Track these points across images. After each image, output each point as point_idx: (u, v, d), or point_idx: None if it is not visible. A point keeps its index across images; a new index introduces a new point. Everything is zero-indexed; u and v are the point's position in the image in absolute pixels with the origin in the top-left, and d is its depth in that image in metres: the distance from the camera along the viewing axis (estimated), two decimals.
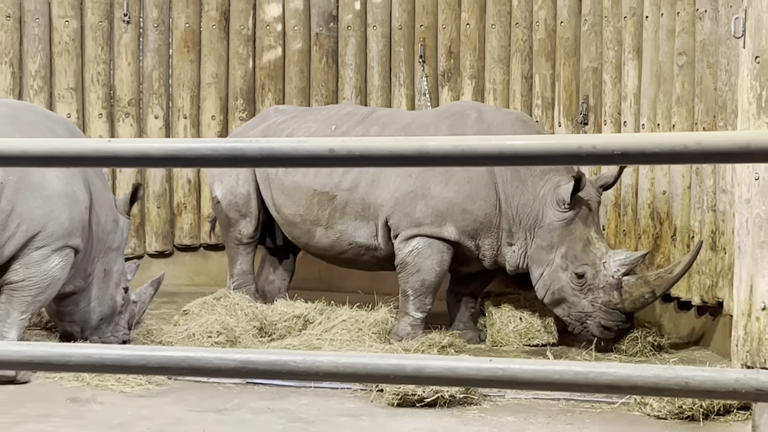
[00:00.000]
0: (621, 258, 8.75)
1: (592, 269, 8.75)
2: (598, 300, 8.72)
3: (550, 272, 8.90)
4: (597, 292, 8.73)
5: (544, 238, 8.93)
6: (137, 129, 11.92)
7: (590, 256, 8.78)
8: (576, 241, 8.83)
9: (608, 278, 8.70)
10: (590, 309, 8.77)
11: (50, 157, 2.85)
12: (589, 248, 8.80)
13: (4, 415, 7.00)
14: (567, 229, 8.86)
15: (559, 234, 8.87)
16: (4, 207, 7.74)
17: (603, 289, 8.71)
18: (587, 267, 8.75)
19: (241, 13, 12.08)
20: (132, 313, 8.80)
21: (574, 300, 8.81)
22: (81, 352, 2.84)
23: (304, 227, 9.74)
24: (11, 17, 11.48)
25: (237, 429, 6.81)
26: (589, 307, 8.77)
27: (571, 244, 8.83)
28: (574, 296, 8.80)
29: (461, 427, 6.97)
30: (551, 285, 8.89)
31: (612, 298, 8.68)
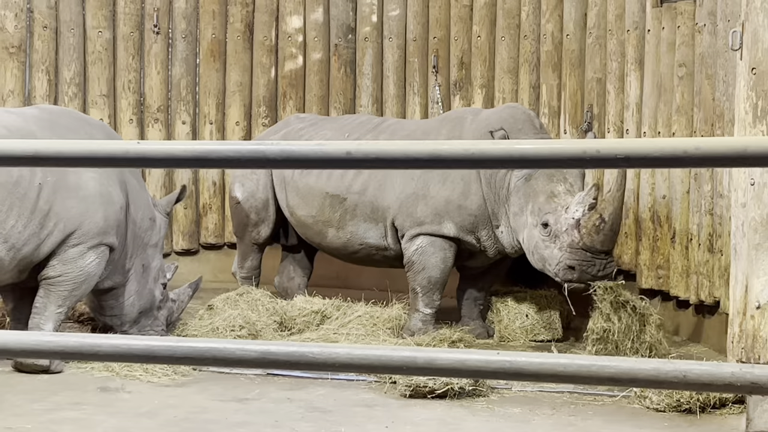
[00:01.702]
0: (577, 198, 8.53)
1: (554, 216, 8.53)
2: (564, 245, 8.46)
3: (527, 234, 8.73)
4: (562, 237, 8.49)
5: (514, 203, 8.84)
6: (166, 134, 11.94)
7: (553, 205, 8.57)
8: (539, 194, 8.65)
9: (569, 221, 8.47)
10: (559, 255, 8.50)
11: (83, 158, 2.86)
12: (552, 199, 8.57)
13: (39, 403, 7.02)
14: (529, 185, 8.73)
15: (524, 193, 8.75)
16: (42, 207, 7.77)
17: (566, 232, 8.47)
18: (549, 215, 8.56)
19: (264, 25, 12.09)
20: (170, 310, 8.80)
21: (548, 253, 8.57)
22: (110, 342, 2.84)
23: (316, 228, 9.78)
24: (48, 28, 11.52)
25: (258, 418, 6.81)
26: (558, 253, 8.50)
27: (534, 199, 8.67)
28: (547, 249, 8.56)
29: (470, 417, 6.96)
30: (530, 246, 8.72)
31: (573, 238, 8.42)
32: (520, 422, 6.87)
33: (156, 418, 6.73)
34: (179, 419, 6.73)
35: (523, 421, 6.91)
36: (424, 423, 6.78)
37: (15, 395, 7.20)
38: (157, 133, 11.89)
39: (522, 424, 6.84)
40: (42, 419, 6.63)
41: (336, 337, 8.68)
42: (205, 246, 12.14)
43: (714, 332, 8.79)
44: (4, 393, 7.26)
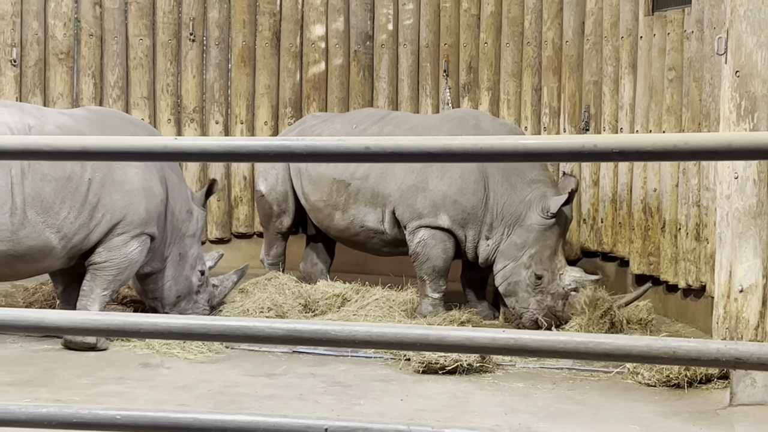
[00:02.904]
0: (576, 275, 8.72)
1: (550, 275, 8.71)
2: (543, 302, 8.68)
3: (513, 266, 8.86)
4: (545, 296, 8.69)
5: (521, 236, 8.89)
6: (200, 133, 11.96)
7: (553, 264, 8.76)
8: (546, 248, 8.81)
9: (559, 288, 8.66)
10: (534, 307, 8.69)
11: (126, 153, 2.86)
12: (554, 257, 8.79)
13: (86, 377, 7.05)
14: (543, 234, 8.84)
15: (535, 237, 8.85)
16: (91, 199, 7.81)
17: (552, 295, 8.68)
18: (546, 272, 8.72)
19: (290, 33, 12.09)
20: (211, 294, 8.79)
21: (523, 296, 8.77)
22: (151, 321, 2.84)
23: (326, 211, 9.83)
24: (93, 36, 11.54)
25: (285, 391, 6.83)
26: (534, 305, 8.70)
27: (542, 249, 8.81)
28: (525, 292, 8.75)
29: (477, 391, 6.97)
30: (510, 277, 8.86)
31: (556, 305, 8.65)
32: (523, 395, 6.87)
33: (192, 392, 6.76)
34: (213, 392, 6.75)
35: (526, 394, 6.91)
36: (436, 396, 6.79)
37: (64, 370, 7.24)
38: (193, 132, 11.90)
39: (525, 397, 6.84)
40: (88, 392, 6.66)
41: (355, 318, 8.69)
42: (237, 235, 12.16)
43: (700, 314, 8.77)
44: (54, 368, 7.29)
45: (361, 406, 6.47)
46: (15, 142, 2.88)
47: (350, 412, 6.33)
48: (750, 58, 6.40)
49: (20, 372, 7.16)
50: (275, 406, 6.40)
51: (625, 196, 10.00)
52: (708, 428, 6.14)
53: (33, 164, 7.51)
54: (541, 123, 11.14)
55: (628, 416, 6.38)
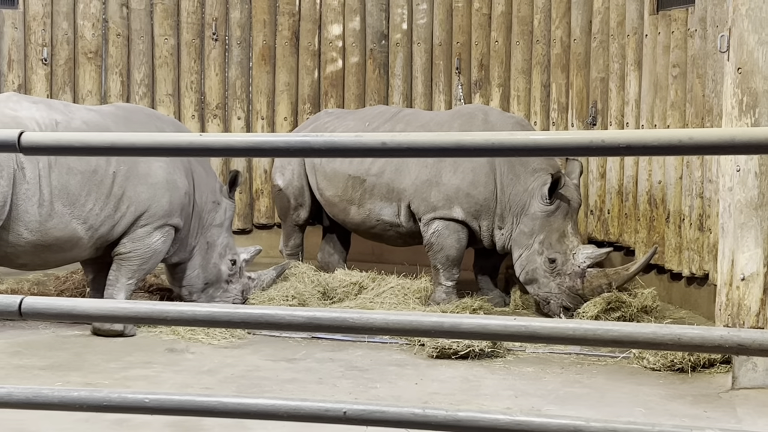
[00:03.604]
0: (588, 252, 8.64)
1: (563, 257, 8.64)
2: (563, 284, 8.60)
3: (527, 255, 8.81)
4: (564, 278, 8.61)
5: (527, 224, 8.86)
6: (223, 128, 11.97)
7: (563, 246, 8.68)
8: (554, 232, 8.74)
9: (575, 267, 8.58)
10: (556, 291, 8.62)
11: (153, 148, 2.87)
12: (563, 239, 8.71)
13: (114, 362, 7.07)
14: (547, 220, 8.78)
15: (540, 223, 8.79)
16: (116, 192, 7.82)
17: (569, 275, 8.60)
18: (559, 254, 8.65)
19: (308, 33, 12.09)
20: (245, 286, 8.78)
21: (543, 281, 8.70)
22: (177, 309, 2.85)
23: (341, 206, 9.83)
24: (121, 35, 11.56)
25: (304, 375, 6.84)
26: (555, 288, 8.63)
27: (549, 233, 8.74)
28: (545, 278, 8.68)
29: (489, 375, 6.96)
30: (527, 266, 8.80)
31: (575, 284, 8.57)
32: (533, 380, 6.87)
33: (216, 376, 6.77)
34: (236, 377, 6.76)
35: (536, 378, 6.90)
36: (449, 380, 6.79)
37: (94, 355, 7.26)
38: (216, 128, 11.92)
39: (535, 381, 6.83)
40: (117, 376, 6.69)
41: (372, 306, 8.69)
42: (258, 226, 12.18)
43: (703, 301, 8.75)
44: (84, 353, 7.32)
45: (377, 390, 6.48)
46: (47, 138, 2.89)
47: (367, 395, 6.33)
48: (751, 56, 6.36)
49: (52, 357, 7.19)
50: (295, 390, 6.41)
51: (630, 188, 9.98)
52: (711, 411, 6.12)
53: (59, 158, 7.53)
54: (550, 118, 11.12)
55: (634, 399, 6.37)
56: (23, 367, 6.89)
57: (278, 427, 5.37)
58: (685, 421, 5.85)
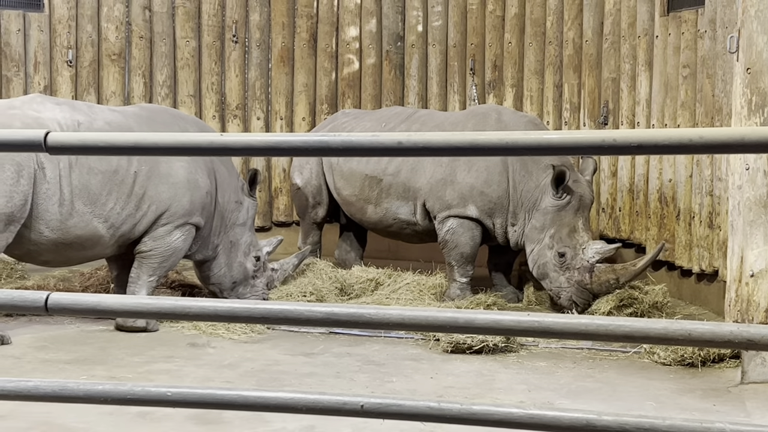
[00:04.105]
0: (597, 247, 8.58)
1: (572, 251, 8.59)
2: (573, 278, 8.55)
3: (539, 249, 8.78)
4: (573, 272, 8.56)
5: (539, 219, 8.82)
6: (243, 128, 11.99)
7: (573, 241, 8.63)
8: (564, 226, 8.69)
9: (584, 262, 8.52)
10: (566, 285, 8.57)
11: (174, 148, 2.87)
12: (573, 234, 8.66)
13: (138, 356, 7.09)
14: (558, 214, 8.74)
15: (551, 218, 8.75)
16: (137, 191, 7.84)
17: (578, 270, 8.54)
18: (568, 249, 8.60)
19: (326, 35, 12.09)
20: (270, 278, 8.80)
21: (554, 275, 8.65)
22: (198, 305, 2.85)
23: (358, 205, 9.84)
24: (143, 38, 11.59)
25: (322, 369, 6.84)
26: (565, 283, 8.58)
27: (560, 228, 8.70)
28: (555, 272, 8.64)
29: (502, 369, 6.96)
30: (538, 260, 8.77)
31: (584, 279, 8.51)
32: (546, 374, 6.86)
33: (236, 370, 6.78)
34: (256, 370, 6.77)
35: (549, 373, 6.89)
36: (463, 375, 6.78)
37: (118, 350, 7.29)
38: (236, 128, 11.94)
39: (547, 375, 6.82)
40: (140, 370, 6.71)
41: (388, 301, 8.69)
42: (277, 224, 12.20)
43: (713, 297, 8.71)
44: (108, 348, 7.34)
45: (393, 384, 6.48)
46: (72, 138, 2.90)
47: (383, 389, 6.34)
48: (760, 56, 6.33)
49: (77, 351, 7.22)
50: (314, 383, 6.41)
51: (641, 187, 9.95)
52: (720, 405, 6.10)
53: (80, 158, 7.55)
54: (562, 118, 11.10)
55: (644, 393, 6.35)
56: (49, 361, 6.92)
57: (297, 419, 5.38)
58: (695, 415, 5.83)
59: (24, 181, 7.28)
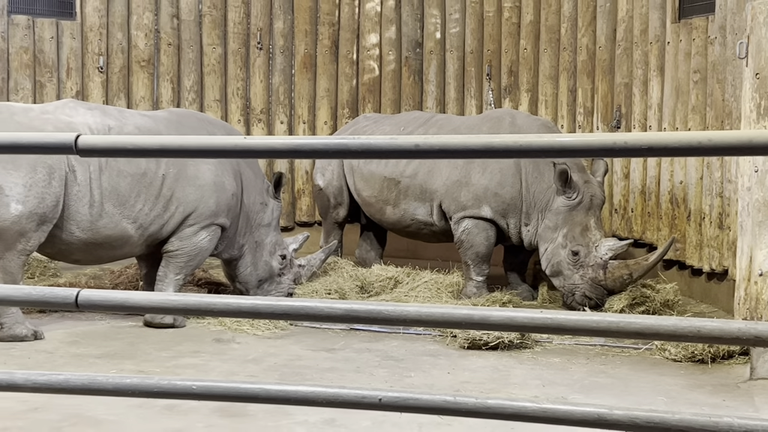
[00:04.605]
0: (610, 244, 8.54)
1: (585, 249, 8.55)
2: (586, 275, 8.51)
3: (552, 248, 8.74)
4: (586, 269, 8.52)
5: (552, 219, 8.80)
6: (267, 132, 12.02)
7: (586, 239, 8.60)
8: (576, 225, 8.66)
9: (597, 259, 8.49)
10: (579, 282, 8.53)
11: (200, 150, 2.88)
12: (586, 233, 8.63)
13: (165, 351, 7.11)
14: (570, 214, 8.71)
15: (563, 217, 8.72)
16: (165, 193, 7.87)
17: (592, 267, 8.51)
18: (581, 247, 8.57)
19: (347, 42, 12.10)
20: (297, 274, 8.81)
21: (567, 273, 8.62)
22: (223, 301, 2.86)
23: (377, 206, 9.86)
24: (172, 45, 11.63)
25: (343, 364, 6.84)
26: (579, 280, 8.54)
27: (572, 227, 8.67)
28: (569, 270, 8.61)
29: (518, 365, 6.94)
30: (552, 259, 8.74)
31: (597, 275, 8.48)
32: (560, 370, 6.84)
33: (260, 364, 6.79)
34: (279, 365, 6.78)
35: (562, 368, 6.87)
36: (480, 370, 6.77)
37: (146, 345, 7.31)
38: (260, 131, 11.97)
39: (561, 371, 6.80)
40: (168, 364, 6.73)
41: (407, 299, 8.69)
42: (299, 224, 12.22)
43: (723, 296, 8.67)
44: (137, 343, 7.37)
45: (411, 378, 6.47)
46: (102, 141, 2.92)
47: (402, 383, 6.33)
48: None
49: (107, 346, 7.25)
50: (334, 378, 6.42)
51: (653, 188, 9.91)
52: (730, 400, 6.06)
53: (110, 161, 7.59)
54: (576, 122, 11.07)
55: (656, 389, 6.32)
56: (80, 355, 6.95)
57: (319, 412, 5.38)
58: (705, 410, 5.80)
59: (56, 183, 7.32)
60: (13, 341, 7.26)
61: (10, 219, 7.16)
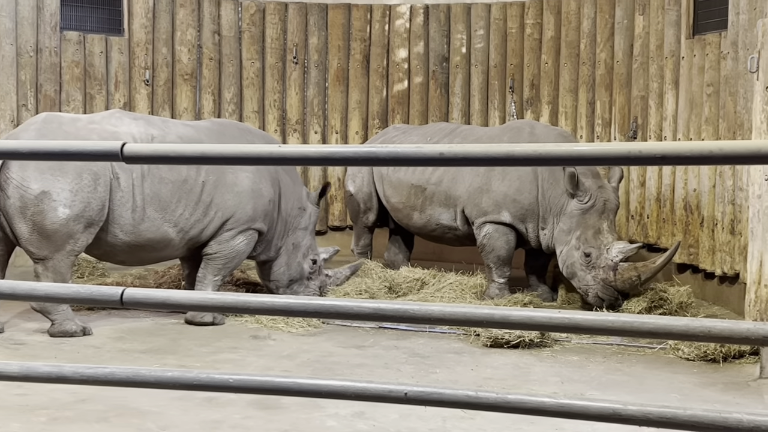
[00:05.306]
0: (620, 247, 8.47)
1: (597, 251, 8.48)
2: (598, 276, 8.44)
3: (567, 250, 8.69)
4: (598, 270, 8.45)
5: (566, 223, 8.75)
6: (302, 141, 12.04)
7: (598, 241, 8.53)
8: (589, 228, 8.60)
9: (608, 261, 8.42)
10: (592, 283, 8.46)
11: (238, 158, 2.89)
12: (598, 236, 8.56)
13: (205, 347, 7.15)
14: (583, 217, 8.65)
15: (577, 221, 8.66)
16: (205, 199, 7.90)
17: (603, 268, 8.43)
18: (593, 249, 8.50)
19: (378, 56, 12.11)
20: (323, 282, 8.79)
21: (581, 274, 8.55)
22: (258, 300, 2.87)
23: (405, 212, 9.88)
24: (213, 59, 11.70)
25: (372, 361, 6.84)
26: (591, 281, 8.47)
27: (585, 230, 8.61)
28: (582, 271, 8.54)
29: (537, 362, 6.91)
30: (567, 260, 8.68)
31: (608, 277, 8.40)
32: (578, 367, 6.80)
33: (294, 360, 6.81)
34: (312, 361, 6.80)
35: (580, 366, 6.84)
36: (501, 367, 6.75)
37: (187, 341, 7.35)
38: (296, 141, 12.00)
39: (579, 369, 6.76)
40: (207, 359, 6.76)
41: (432, 299, 8.68)
42: (332, 228, 12.24)
43: (734, 298, 8.59)
44: (179, 339, 7.41)
45: (436, 375, 6.46)
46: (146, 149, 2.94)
47: (427, 379, 6.32)
48: None
49: (151, 342, 7.29)
50: (364, 373, 6.42)
51: (668, 196, 9.84)
52: (740, 397, 6.01)
53: (152, 169, 7.64)
54: (595, 132, 11.01)
55: (669, 386, 6.28)
56: (125, 350, 6.99)
57: (349, 405, 5.39)
58: (716, 407, 5.73)
59: (101, 189, 7.39)
60: (64, 337, 7.33)
61: (59, 222, 7.23)
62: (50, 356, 6.71)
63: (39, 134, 7.33)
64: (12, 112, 10.22)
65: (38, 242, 7.25)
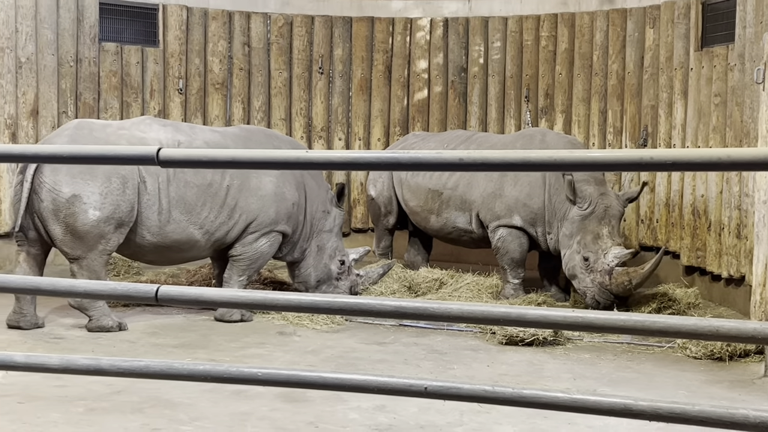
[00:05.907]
0: (616, 252, 8.42)
1: (595, 256, 8.45)
2: (596, 280, 8.42)
3: (569, 254, 8.66)
4: (596, 274, 8.42)
5: (568, 227, 8.72)
6: (326, 147, 12.05)
7: (596, 246, 8.49)
8: (588, 233, 8.57)
9: (604, 265, 8.39)
10: (590, 285, 8.44)
11: (267, 162, 2.90)
12: (597, 241, 8.52)
13: (233, 342, 7.17)
14: (583, 223, 8.62)
15: (577, 226, 8.63)
16: (229, 203, 7.92)
17: (600, 272, 8.40)
18: (592, 253, 8.47)
19: (399, 67, 12.12)
20: (353, 282, 8.77)
21: (581, 277, 8.52)
22: (285, 297, 2.87)
23: (423, 215, 9.88)
24: (243, 69, 11.73)
25: (393, 357, 6.84)
26: (590, 283, 8.45)
27: (585, 235, 8.57)
28: (581, 274, 8.51)
29: (551, 360, 6.89)
30: (569, 263, 8.66)
31: (604, 280, 8.37)
32: (590, 365, 6.77)
33: (318, 355, 6.82)
34: (335, 356, 6.80)
35: (592, 364, 6.81)
36: (516, 364, 6.73)
37: (217, 337, 7.37)
38: (320, 147, 12.01)
39: (591, 366, 6.74)
40: (236, 354, 6.77)
41: (450, 298, 8.67)
42: (355, 230, 12.24)
43: (740, 299, 8.53)
44: (209, 335, 7.43)
45: (454, 370, 6.45)
46: (180, 153, 2.95)
47: (445, 374, 6.31)
48: None
49: (183, 337, 7.32)
50: (385, 368, 6.42)
51: (677, 201, 9.78)
52: (746, 395, 5.96)
53: (178, 173, 7.66)
54: (606, 140, 10.97)
55: (677, 383, 6.24)
56: (159, 345, 7.02)
57: (370, 399, 5.38)
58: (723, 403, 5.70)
59: (129, 191, 7.43)
60: (100, 331, 7.37)
61: (89, 223, 7.28)
62: (88, 350, 6.74)
63: (71, 140, 7.38)
64: (53, 119, 10.30)
65: (71, 243, 7.30)
